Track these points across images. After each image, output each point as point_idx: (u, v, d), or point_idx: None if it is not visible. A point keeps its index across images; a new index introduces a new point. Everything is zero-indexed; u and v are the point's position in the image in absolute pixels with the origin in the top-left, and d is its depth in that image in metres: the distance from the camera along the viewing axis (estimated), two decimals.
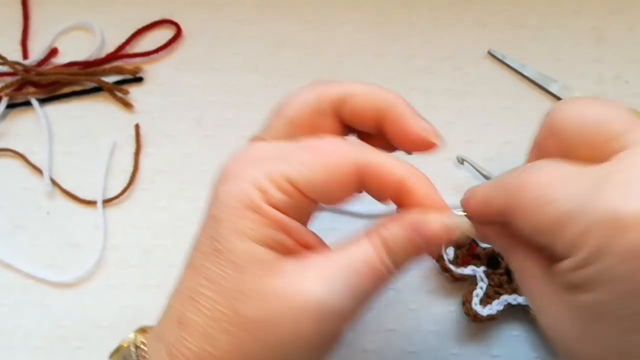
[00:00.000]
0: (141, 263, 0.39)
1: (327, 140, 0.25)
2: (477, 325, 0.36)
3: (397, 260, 0.24)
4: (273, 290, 0.23)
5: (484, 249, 0.37)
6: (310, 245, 0.25)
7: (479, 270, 0.36)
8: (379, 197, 0.26)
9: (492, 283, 0.36)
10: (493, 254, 0.37)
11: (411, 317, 0.37)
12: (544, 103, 0.43)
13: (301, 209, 0.24)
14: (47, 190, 0.42)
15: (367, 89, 0.27)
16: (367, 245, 0.24)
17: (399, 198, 0.25)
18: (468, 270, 0.36)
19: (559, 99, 0.42)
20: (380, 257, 0.24)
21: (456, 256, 0.36)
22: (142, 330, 0.27)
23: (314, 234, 0.26)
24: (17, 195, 0.42)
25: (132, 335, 0.26)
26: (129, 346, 0.26)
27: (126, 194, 0.41)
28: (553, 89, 0.43)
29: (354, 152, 0.24)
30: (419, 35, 0.46)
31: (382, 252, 0.24)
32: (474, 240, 0.37)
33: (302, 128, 0.26)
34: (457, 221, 0.25)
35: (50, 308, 0.39)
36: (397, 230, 0.24)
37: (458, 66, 0.44)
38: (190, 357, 0.23)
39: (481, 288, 0.35)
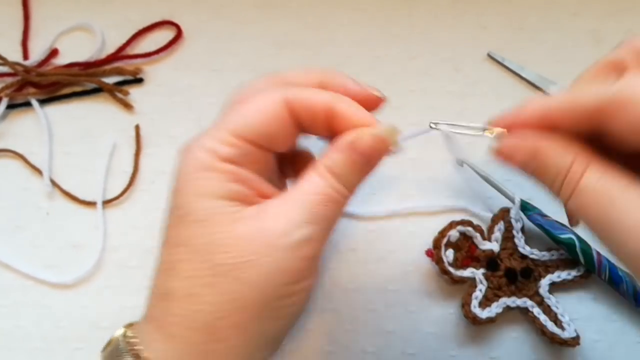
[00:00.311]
0: (141, 264, 0.39)
1: (258, 93, 0.27)
2: (476, 328, 0.36)
3: (347, 181, 0.26)
4: (241, 234, 0.25)
5: (484, 251, 0.37)
6: (268, 195, 0.27)
7: (478, 273, 0.36)
8: (315, 129, 0.27)
9: (491, 285, 0.36)
10: (492, 256, 0.37)
11: (410, 319, 0.37)
12: None
13: (254, 159, 0.26)
14: (47, 190, 0.42)
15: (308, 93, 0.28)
16: (315, 177, 0.26)
17: (332, 125, 0.27)
18: (467, 272, 0.36)
19: None
20: (330, 183, 0.26)
21: (455, 258, 0.36)
22: (130, 325, 0.27)
23: (272, 185, 0.28)
24: (16, 195, 0.42)
25: (120, 330, 0.27)
26: (117, 338, 0.26)
27: (126, 194, 0.41)
28: (552, 91, 0.43)
29: (280, 91, 0.27)
30: (419, 37, 0.46)
31: (330, 179, 0.26)
32: (473, 242, 0.37)
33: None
34: (385, 130, 0.26)
35: (50, 309, 0.39)
36: (337, 155, 0.26)
37: (458, 67, 0.45)
38: (180, 323, 0.24)
39: (480, 290, 0.35)
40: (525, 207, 0.37)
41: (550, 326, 0.35)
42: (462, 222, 0.36)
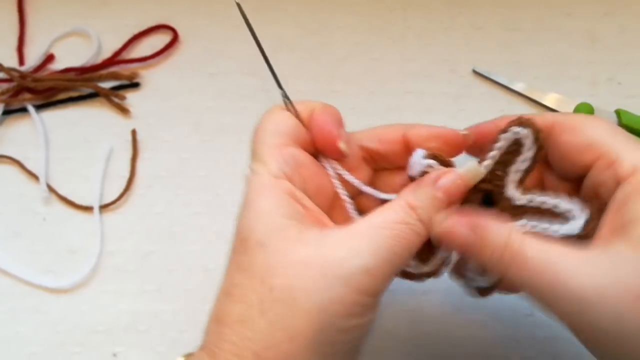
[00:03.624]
0: (138, 268, 0.39)
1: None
2: None
3: (425, 218, 0.25)
4: (299, 258, 0.23)
5: None
6: (326, 223, 0.27)
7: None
8: (392, 158, 0.29)
9: None
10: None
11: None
12: (536, 109, 0.43)
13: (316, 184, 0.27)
14: (43, 196, 0.42)
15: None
16: (391, 209, 0.25)
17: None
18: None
19: (550, 109, 0.43)
20: (405, 216, 0.25)
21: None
22: (189, 355, 0.26)
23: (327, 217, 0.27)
24: (13, 201, 0.42)
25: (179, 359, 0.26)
26: None
27: (123, 199, 0.41)
28: (546, 101, 0.43)
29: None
30: (414, 39, 0.46)
31: (408, 212, 0.25)
32: None
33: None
34: (470, 169, 0.26)
35: (47, 314, 0.38)
36: (418, 190, 0.26)
37: (453, 69, 0.45)
38: (230, 350, 0.23)
39: None
40: None
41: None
42: None
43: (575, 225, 0.25)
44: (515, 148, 0.27)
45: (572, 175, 0.27)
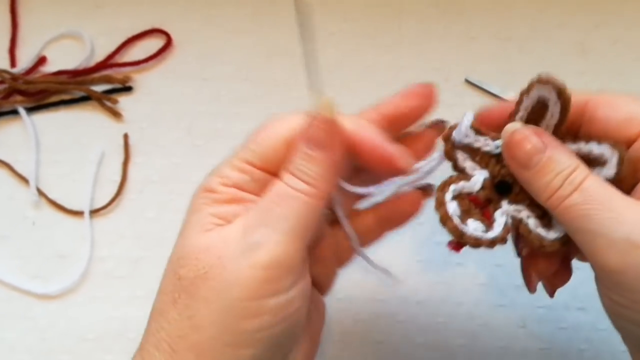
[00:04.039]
0: (129, 274, 0.39)
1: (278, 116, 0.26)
2: None
3: (305, 175, 0.24)
4: (203, 244, 0.23)
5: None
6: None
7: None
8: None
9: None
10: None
11: (400, 328, 0.37)
12: None
13: (263, 182, 0.25)
14: (33, 200, 0.41)
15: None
16: (276, 184, 0.24)
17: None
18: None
19: None
20: (285, 181, 0.24)
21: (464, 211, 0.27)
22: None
23: None
24: (2, 204, 0.41)
25: None
26: None
27: (114, 204, 0.41)
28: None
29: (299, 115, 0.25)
30: (409, 47, 0.46)
31: (285, 177, 0.24)
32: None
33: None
34: (321, 105, 0.25)
35: (35, 320, 0.38)
36: (292, 155, 0.24)
37: (447, 77, 0.45)
38: (152, 342, 0.23)
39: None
40: None
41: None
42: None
43: (611, 167, 0.25)
44: (540, 106, 0.27)
45: None
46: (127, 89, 0.45)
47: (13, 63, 0.46)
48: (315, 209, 0.24)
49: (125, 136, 0.43)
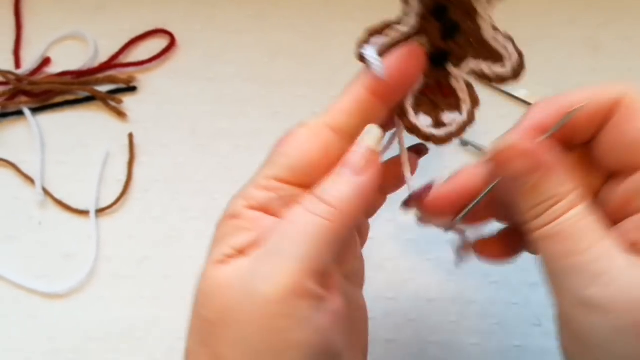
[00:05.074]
0: (134, 274, 0.39)
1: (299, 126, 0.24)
2: None
3: (330, 197, 0.22)
4: (224, 280, 0.22)
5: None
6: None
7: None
8: None
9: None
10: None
11: (411, 327, 0.37)
12: None
13: (293, 198, 0.23)
14: (39, 200, 0.41)
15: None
16: (294, 211, 0.23)
17: None
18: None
19: None
20: (305, 204, 0.22)
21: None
22: None
23: None
24: (8, 205, 0.41)
25: None
26: None
27: (119, 203, 0.41)
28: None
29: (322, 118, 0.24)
30: None
31: (307, 200, 0.22)
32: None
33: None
34: (367, 133, 0.24)
35: (41, 320, 0.38)
36: (335, 179, 0.23)
37: None
38: None
39: None
40: None
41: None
42: None
43: (509, 66, 0.26)
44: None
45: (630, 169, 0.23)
46: (132, 89, 0.45)
47: (18, 64, 0.46)
48: (336, 232, 0.22)
49: (130, 136, 0.43)
